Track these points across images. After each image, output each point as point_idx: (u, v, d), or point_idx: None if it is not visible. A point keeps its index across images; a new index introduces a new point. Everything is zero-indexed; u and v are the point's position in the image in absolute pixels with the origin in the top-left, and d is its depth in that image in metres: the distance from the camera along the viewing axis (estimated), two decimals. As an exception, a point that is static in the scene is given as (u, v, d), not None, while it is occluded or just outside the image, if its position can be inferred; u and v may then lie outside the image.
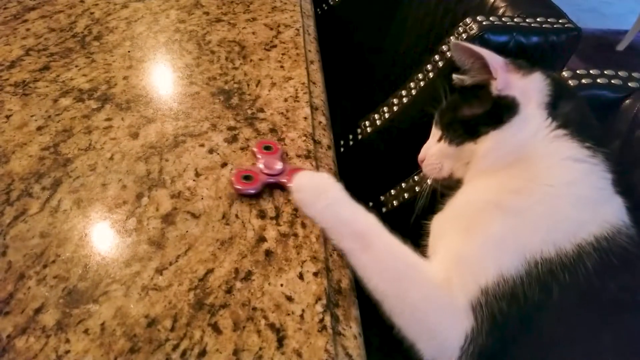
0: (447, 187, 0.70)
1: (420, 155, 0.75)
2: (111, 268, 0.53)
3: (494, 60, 0.66)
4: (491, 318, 0.52)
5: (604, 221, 0.57)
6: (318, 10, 1.69)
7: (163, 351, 0.46)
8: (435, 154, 0.71)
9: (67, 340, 0.46)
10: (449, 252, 0.59)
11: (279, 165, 0.66)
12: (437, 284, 0.55)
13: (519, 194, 0.59)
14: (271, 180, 0.65)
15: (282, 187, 0.65)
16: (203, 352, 0.46)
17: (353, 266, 0.57)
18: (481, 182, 0.65)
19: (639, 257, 0.57)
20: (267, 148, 0.70)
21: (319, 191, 0.62)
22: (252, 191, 0.63)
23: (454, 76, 0.78)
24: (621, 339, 0.54)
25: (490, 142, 0.63)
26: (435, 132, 0.74)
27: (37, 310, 0.49)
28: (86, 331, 0.47)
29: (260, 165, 0.66)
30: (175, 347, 0.46)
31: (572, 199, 0.59)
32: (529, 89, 0.65)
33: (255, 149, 0.70)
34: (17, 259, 0.53)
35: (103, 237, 0.57)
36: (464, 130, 0.67)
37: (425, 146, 0.75)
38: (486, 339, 0.51)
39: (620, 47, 3.81)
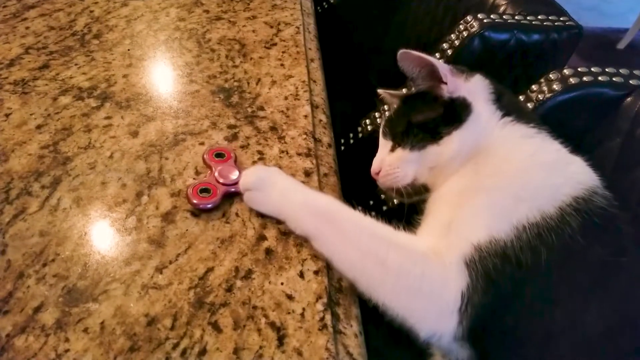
0: (413, 194, 0.72)
1: (374, 168, 0.75)
2: (111, 267, 0.53)
3: (442, 66, 0.69)
4: (486, 275, 0.52)
5: (576, 182, 0.60)
6: (318, 8, 1.68)
7: (163, 350, 0.45)
8: (394, 162, 0.71)
9: (67, 339, 0.46)
10: (436, 224, 0.61)
11: (234, 175, 0.63)
12: (422, 248, 0.56)
13: (494, 175, 0.63)
14: (231, 189, 0.62)
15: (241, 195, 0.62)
16: (203, 351, 0.45)
17: (320, 249, 0.55)
18: (454, 178, 0.67)
19: (617, 217, 0.60)
20: (219, 155, 0.67)
21: (269, 184, 0.61)
22: (210, 205, 0.60)
23: (381, 91, 0.86)
24: (606, 303, 0.56)
25: (455, 143, 0.66)
26: (385, 144, 0.75)
27: (37, 309, 0.48)
28: (86, 330, 0.47)
29: (216, 175, 0.63)
30: (175, 346, 0.46)
31: (540, 166, 0.64)
32: (474, 89, 0.71)
33: (206, 157, 0.67)
34: (17, 258, 0.53)
35: (103, 236, 0.56)
36: (425, 134, 0.69)
37: (376, 159, 0.76)
38: (482, 297, 0.52)
39: (621, 45, 3.80)
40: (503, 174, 0.62)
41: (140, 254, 0.54)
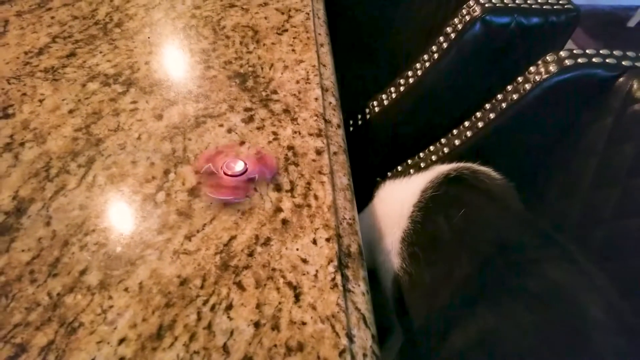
0: None
1: None
2: (145, 235, 0.59)
3: None
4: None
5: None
6: (326, -8, 1.72)
7: (195, 305, 0.52)
8: None
9: (110, 297, 0.53)
10: None
11: (239, 166, 0.67)
12: None
13: None
14: (245, 177, 0.67)
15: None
16: (230, 306, 0.52)
17: None
18: None
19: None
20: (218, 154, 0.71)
21: None
22: (242, 197, 0.65)
23: None
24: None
25: None
26: None
27: (82, 272, 0.55)
28: (126, 289, 0.53)
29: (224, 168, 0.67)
30: (205, 302, 0.52)
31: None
32: None
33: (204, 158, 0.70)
34: (61, 228, 0.60)
35: (136, 209, 0.63)
36: None
37: None
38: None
39: (631, 23, 3.78)
40: None
41: (171, 224, 0.60)
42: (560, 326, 0.60)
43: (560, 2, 1.02)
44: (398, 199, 0.85)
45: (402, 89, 1.15)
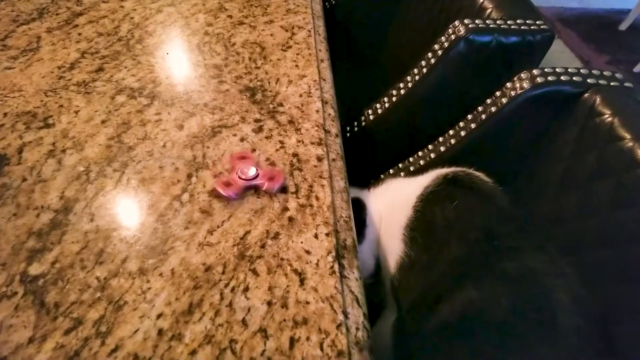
0: None
1: None
2: (174, 230, 0.70)
3: None
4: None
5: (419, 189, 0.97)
6: (326, 4, 1.83)
7: (218, 288, 0.63)
8: None
9: (148, 281, 0.64)
10: None
11: (252, 171, 0.78)
12: None
13: None
14: (249, 184, 0.77)
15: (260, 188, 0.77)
16: (247, 288, 0.63)
17: None
18: None
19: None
20: (243, 157, 0.82)
21: None
22: (234, 195, 0.75)
23: None
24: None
25: None
26: None
27: (123, 260, 0.66)
28: (161, 274, 0.65)
29: (238, 172, 0.78)
30: (226, 285, 0.64)
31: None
32: None
33: (231, 158, 0.82)
34: (103, 224, 0.71)
35: (165, 208, 0.74)
36: None
37: None
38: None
39: (623, 26, 3.88)
40: None
41: (195, 221, 0.72)
42: (531, 304, 0.73)
43: (537, 22, 1.14)
44: (404, 193, 0.98)
45: (394, 99, 1.26)
